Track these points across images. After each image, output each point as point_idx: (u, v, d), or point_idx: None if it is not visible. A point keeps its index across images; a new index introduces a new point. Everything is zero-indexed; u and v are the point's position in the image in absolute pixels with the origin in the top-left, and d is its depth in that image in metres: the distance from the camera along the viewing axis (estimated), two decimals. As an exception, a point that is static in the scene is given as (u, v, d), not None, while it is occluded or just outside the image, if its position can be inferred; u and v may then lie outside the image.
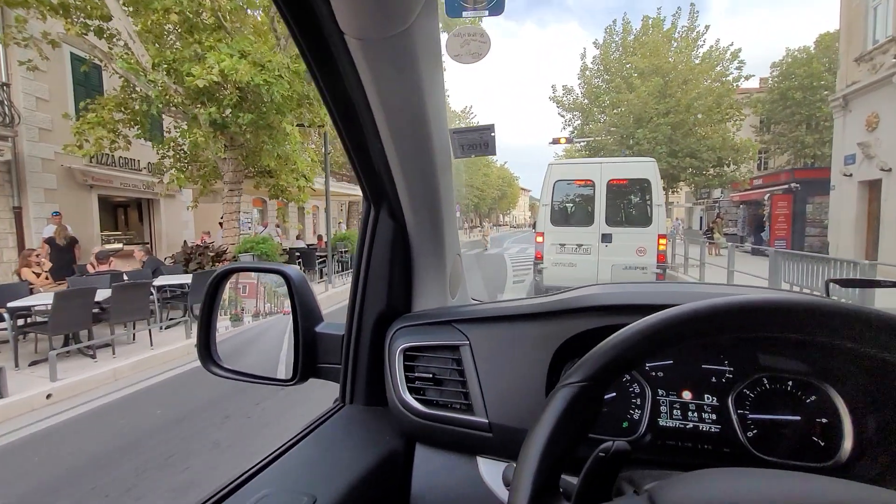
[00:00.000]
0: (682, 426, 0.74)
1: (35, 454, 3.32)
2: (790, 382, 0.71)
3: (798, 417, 0.70)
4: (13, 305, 5.11)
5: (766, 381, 0.72)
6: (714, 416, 0.73)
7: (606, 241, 7.19)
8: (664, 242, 7.06)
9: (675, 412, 0.75)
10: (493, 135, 1.09)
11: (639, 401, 0.76)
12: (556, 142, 18.34)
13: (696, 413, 0.74)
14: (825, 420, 0.69)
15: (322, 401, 0.97)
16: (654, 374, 0.77)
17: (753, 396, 0.72)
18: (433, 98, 0.69)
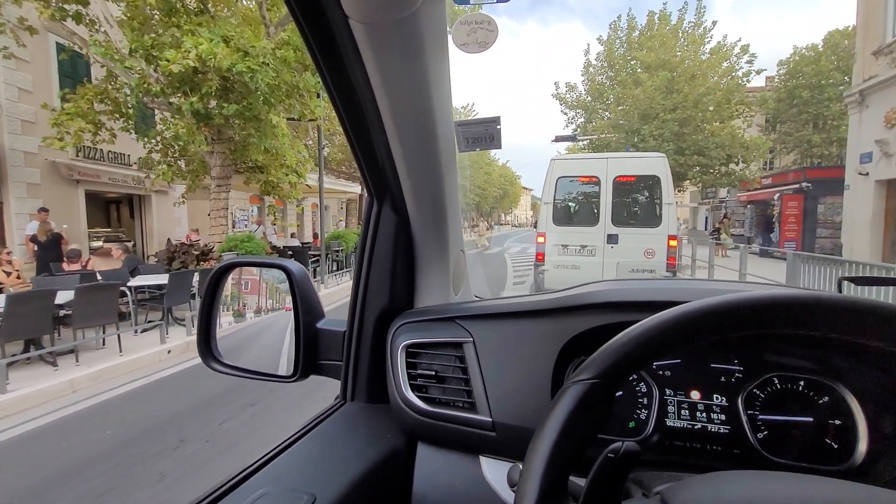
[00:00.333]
0: (691, 426, 0.73)
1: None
2: (801, 382, 0.70)
3: (810, 419, 0.68)
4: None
5: (777, 381, 0.71)
6: (723, 417, 0.72)
7: (612, 243, 6.74)
8: (675, 244, 6.59)
9: (683, 412, 0.74)
10: (499, 127, 1.09)
11: (646, 400, 0.75)
12: (559, 139, 17.92)
13: (705, 413, 0.73)
14: (839, 421, 0.67)
15: (320, 402, 0.92)
16: (662, 374, 0.75)
17: (764, 397, 0.71)
18: (439, 88, 0.67)
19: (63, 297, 5.10)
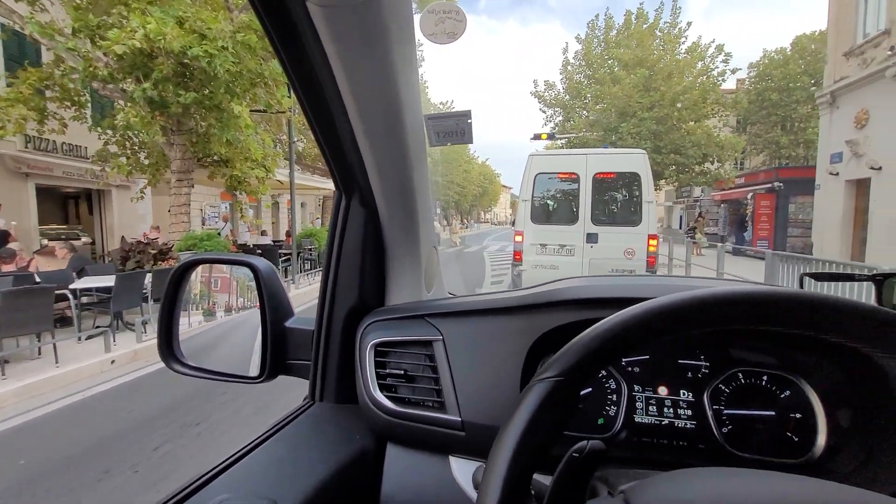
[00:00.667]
0: (658, 422, 0.74)
1: None
2: (765, 377, 0.71)
3: (772, 413, 0.70)
4: None
5: (742, 376, 0.72)
6: (690, 412, 0.73)
7: (592, 242, 6.53)
8: (654, 243, 6.43)
9: (651, 408, 0.74)
10: (470, 121, 1.27)
11: (615, 397, 0.76)
12: (538, 137, 17.84)
13: (672, 409, 0.74)
14: (799, 415, 0.69)
15: (280, 413, 0.83)
16: (631, 370, 0.76)
17: (729, 392, 0.72)
18: (405, 78, 0.65)
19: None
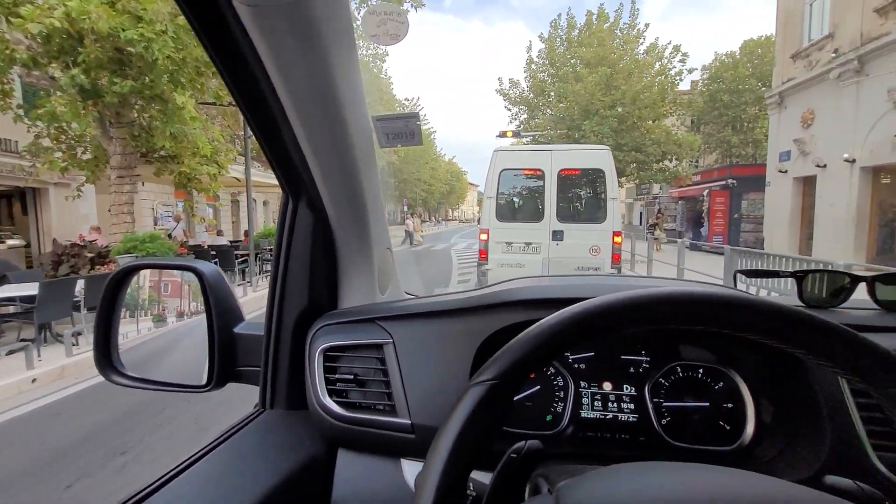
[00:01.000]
0: (603, 417, 0.77)
1: None
2: (701, 370, 0.76)
3: (707, 403, 0.75)
4: None
5: (680, 370, 0.76)
6: (632, 406, 0.77)
7: (557, 239, 6.45)
8: (619, 240, 6.42)
9: (597, 403, 0.78)
10: (419, 123, 1.14)
11: (562, 393, 0.79)
12: (504, 135, 17.91)
13: (616, 403, 0.78)
14: (731, 405, 0.74)
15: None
16: (577, 367, 0.79)
17: (668, 385, 0.76)
18: (347, 79, 0.64)
19: None
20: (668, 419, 0.75)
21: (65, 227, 12.40)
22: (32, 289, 5.68)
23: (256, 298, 8.91)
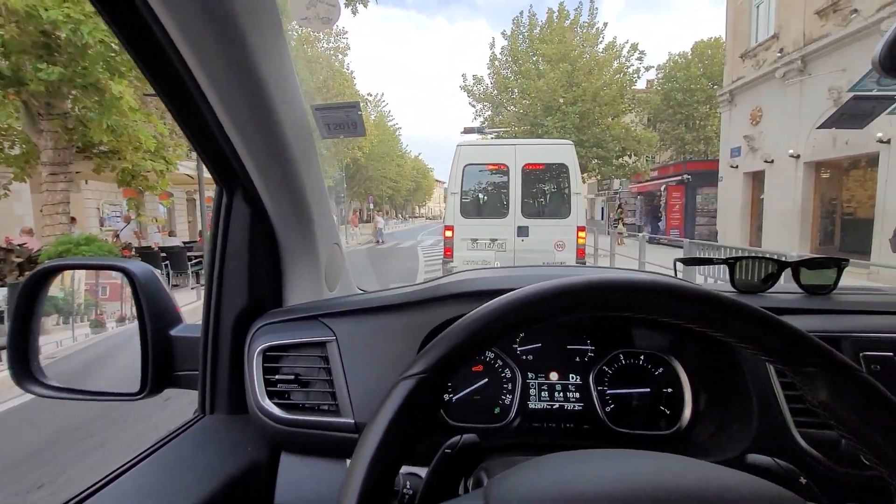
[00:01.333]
0: (550, 407, 0.79)
1: None
2: (642, 357, 0.78)
3: (648, 389, 0.77)
4: None
5: (622, 358, 0.79)
6: (578, 395, 0.78)
7: (523, 235, 6.40)
8: (583, 235, 6.45)
9: (544, 394, 0.79)
10: (360, 113, 1.16)
11: (510, 385, 0.80)
12: (468, 132, 17.90)
13: (562, 393, 0.79)
14: (671, 390, 0.77)
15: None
16: (525, 358, 0.80)
17: (611, 373, 0.79)
18: (274, 65, 0.61)
19: None
20: (612, 406, 0.77)
21: (-6, 230, 11.33)
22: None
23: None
